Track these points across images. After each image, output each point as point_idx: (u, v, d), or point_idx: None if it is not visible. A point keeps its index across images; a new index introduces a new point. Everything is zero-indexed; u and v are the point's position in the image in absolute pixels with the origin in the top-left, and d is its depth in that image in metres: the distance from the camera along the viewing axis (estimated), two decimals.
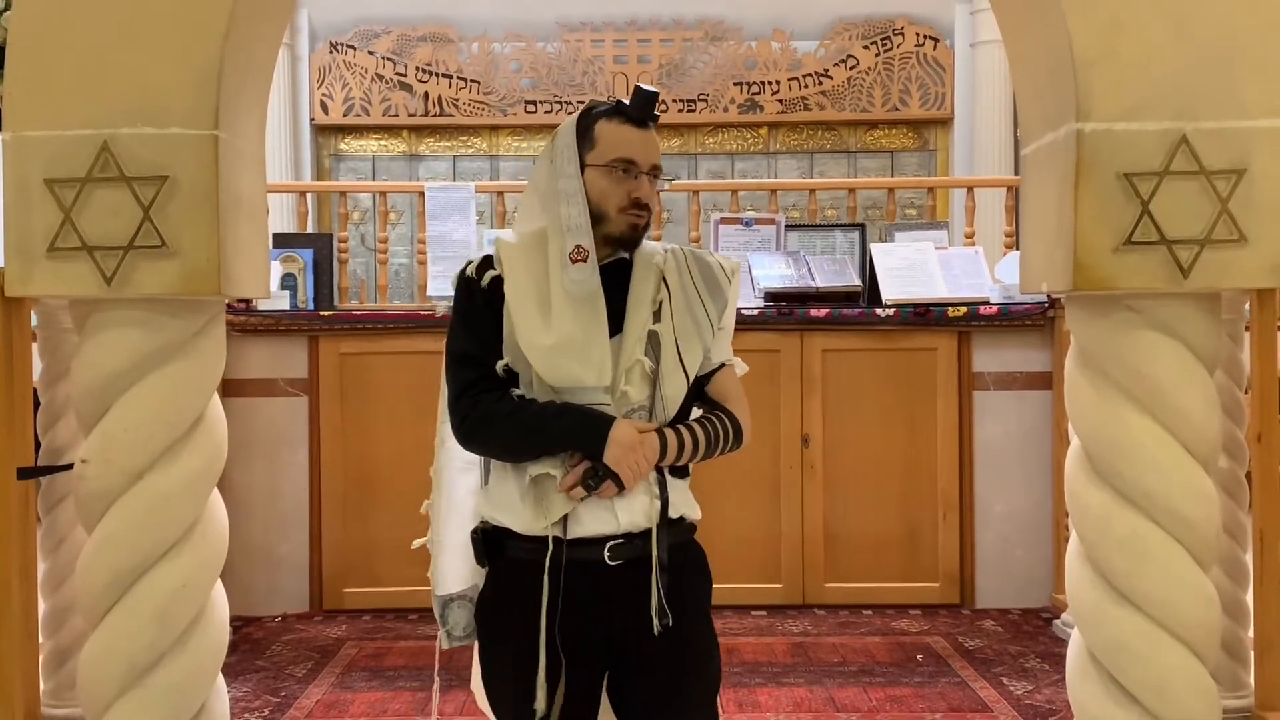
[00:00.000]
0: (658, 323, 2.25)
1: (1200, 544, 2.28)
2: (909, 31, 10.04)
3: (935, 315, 5.43)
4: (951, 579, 5.55)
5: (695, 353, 2.28)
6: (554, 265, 2.24)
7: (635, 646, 2.22)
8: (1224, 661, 3.75)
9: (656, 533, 2.20)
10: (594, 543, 2.19)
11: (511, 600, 2.24)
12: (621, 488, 2.18)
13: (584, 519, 2.20)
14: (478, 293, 2.27)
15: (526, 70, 10.05)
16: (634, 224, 2.26)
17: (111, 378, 2.32)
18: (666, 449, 2.21)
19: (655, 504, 2.22)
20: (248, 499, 5.47)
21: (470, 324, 2.28)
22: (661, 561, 2.19)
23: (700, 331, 2.29)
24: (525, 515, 2.22)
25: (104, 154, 2.27)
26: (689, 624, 2.25)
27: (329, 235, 6.21)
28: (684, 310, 2.28)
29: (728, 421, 2.31)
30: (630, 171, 2.24)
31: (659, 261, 2.31)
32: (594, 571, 2.19)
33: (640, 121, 2.26)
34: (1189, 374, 2.27)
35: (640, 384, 2.23)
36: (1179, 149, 2.22)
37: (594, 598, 2.19)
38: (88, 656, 2.37)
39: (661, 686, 2.25)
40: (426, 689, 4.44)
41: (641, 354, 2.23)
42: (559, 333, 2.19)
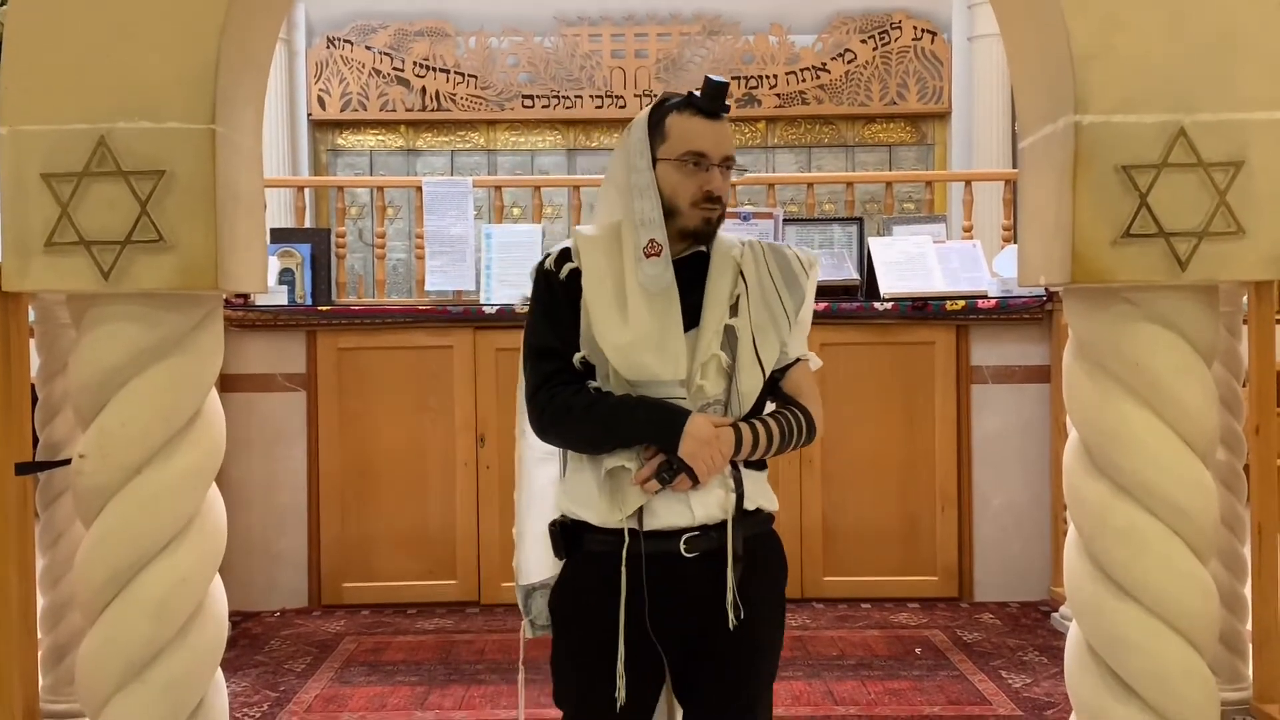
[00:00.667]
0: (734, 317, 2.25)
1: (1198, 536, 2.28)
2: (907, 25, 10.04)
3: (933, 309, 5.43)
4: (950, 572, 5.55)
5: (771, 347, 2.28)
6: (629, 259, 2.24)
7: (708, 637, 2.24)
8: (1222, 654, 3.75)
9: (732, 526, 2.21)
10: (669, 535, 2.21)
11: (587, 592, 2.27)
12: (696, 481, 2.19)
13: (659, 512, 2.21)
14: (556, 285, 2.29)
15: (524, 65, 10.04)
16: (707, 217, 2.25)
17: (109, 373, 2.32)
18: (741, 443, 2.21)
19: (730, 497, 2.23)
20: (246, 494, 5.47)
21: (549, 317, 2.31)
22: (737, 554, 2.20)
23: (777, 326, 2.29)
24: (601, 508, 2.23)
25: (101, 148, 2.26)
26: (761, 616, 2.27)
27: (326, 230, 6.21)
28: (761, 304, 2.28)
29: (802, 417, 2.31)
30: (701, 164, 2.23)
31: (736, 255, 2.31)
32: (670, 564, 2.20)
33: (711, 113, 2.25)
34: (1187, 366, 2.27)
35: (716, 378, 2.23)
36: (1177, 141, 2.21)
37: (670, 590, 2.21)
38: (86, 651, 2.37)
39: (730, 677, 2.27)
40: (425, 683, 4.45)
41: (718, 348, 2.23)
42: (635, 327, 2.19)
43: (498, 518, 5.53)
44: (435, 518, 5.57)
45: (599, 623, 2.21)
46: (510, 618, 5.35)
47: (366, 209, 9.88)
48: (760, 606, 2.26)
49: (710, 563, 2.21)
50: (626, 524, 2.20)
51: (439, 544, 5.57)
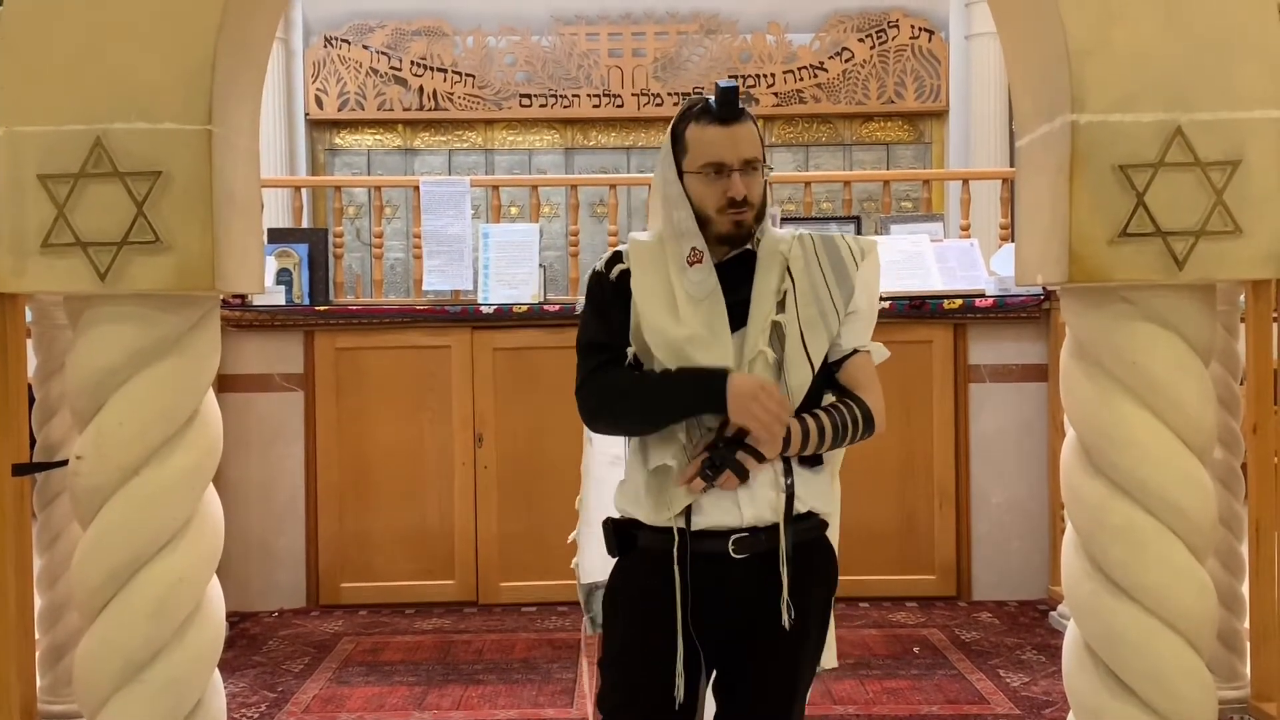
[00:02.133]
0: (781, 313, 2.25)
1: (1196, 535, 2.28)
2: (904, 24, 10.04)
3: (931, 308, 5.43)
4: (948, 571, 5.55)
5: (820, 342, 2.27)
6: (673, 267, 2.27)
7: (752, 640, 2.24)
8: (1220, 652, 3.76)
9: (784, 528, 2.20)
10: (718, 535, 2.20)
11: (636, 589, 2.28)
12: (743, 479, 2.18)
13: (708, 510, 2.20)
14: (606, 285, 2.32)
15: (521, 64, 10.04)
16: (736, 221, 2.25)
17: (106, 373, 2.31)
18: (791, 439, 2.19)
19: (781, 497, 2.21)
20: (244, 494, 5.47)
21: (599, 314, 2.33)
22: (788, 555, 2.20)
23: (826, 320, 2.28)
24: (649, 507, 2.24)
25: (97, 149, 2.26)
26: (805, 625, 2.26)
27: (324, 230, 6.20)
28: (810, 299, 2.27)
29: (857, 409, 2.29)
30: (722, 172, 2.23)
31: (784, 250, 2.31)
32: (718, 564, 2.20)
33: (724, 119, 2.24)
34: (1184, 365, 2.27)
35: (765, 374, 2.22)
36: (1174, 140, 2.21)
37: (717, 590, 2.21)
38: (84, 652, 2.37)
39: (769, 682, 2.27)
40: (423, 683, 4.45)
41: (765, 345, 2.22)
42: (686, 326, 2.22)
43: (495, 517, 5.54)
44: (433, 517, 5.57)
45: (646, 620, 2.23)
46: (508, 617, 5.36)
47: (364, 209, 9.87)
48: (805, 615, 2.25)
49: (759, 565, 2.21)
50: (675, 523, 2.20)
51: (437, 544, 5.57)
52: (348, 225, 9.54)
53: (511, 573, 5.54)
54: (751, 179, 2.25)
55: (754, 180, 2.25)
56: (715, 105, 2.25)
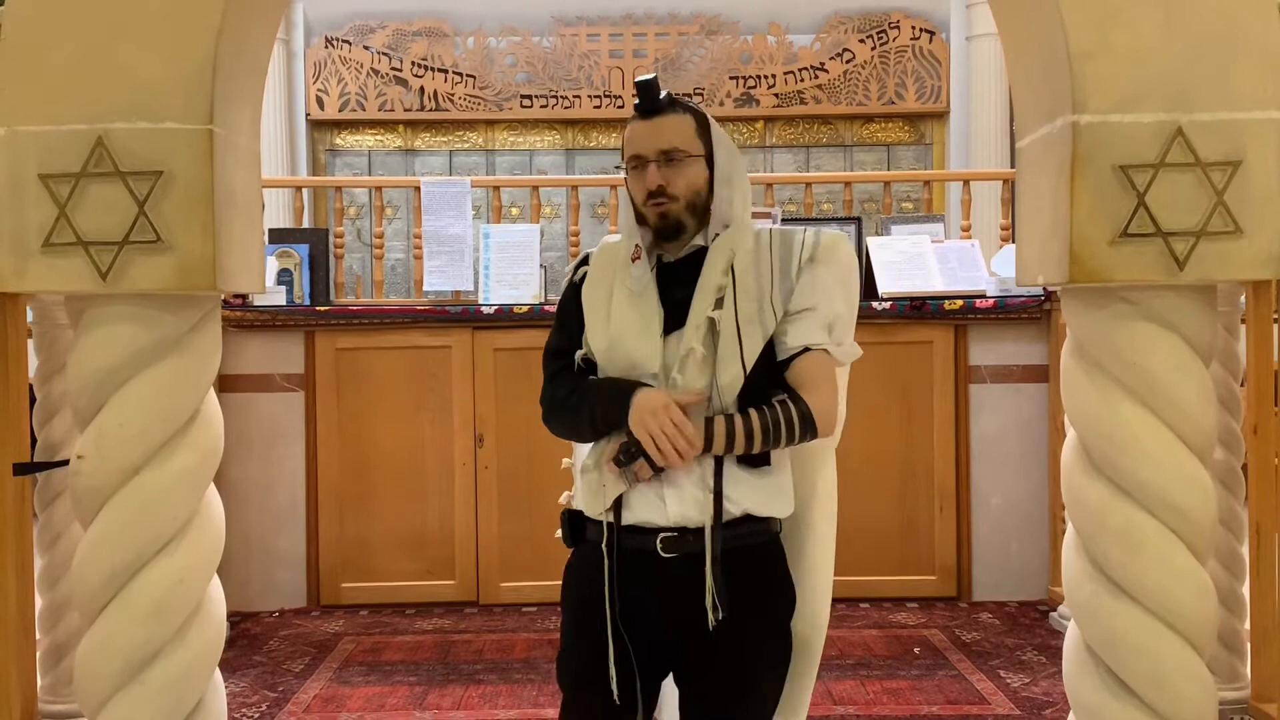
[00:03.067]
0: (719, 309, 2.22)
1: (1196, 536, 2.28)
2: (905, 25, 10.04)
3: (931, 308, 5.43)
4: (948, 572, 5.55)
5: (756, 340, 2.22)
6: (621, 264, 2.32)
7: (692, 646, 2.22)
8: (1220, 653, 3.76)
9: (710, 531, 2.17)
10: (647, 532, 2.21)
11: (581, 580, 2.30)
12: (656, 470, 2.17)
13: (635, 506, 2.21)
14: (570, 289, 2.40)
15: (522, 65, 10.04)
16: (659, 213, 2.25)
17: (107, 373, 2.32)
18: (714, 437, 2.17)
19: (709, 498, 2.18)
20: (244, 494, 5.47)
21: (560, 320, 2.40)
22: (715, 557, 2.16)
23: (763, 318, 2.23)
24: (587, 500, 2.28)
25: (98, 149, 2.26)
26: (749, 632, 2.21)
27: (325, 230, 6.20)
28: (752, 296, 2.24)
29: (793, 409, 2.21)
30: (642, 165, 2.26)
31: (735, 247, 2.29)
32: (647, 561, 2.20)
33: (645, 112, 2.27)
34: (1185, 366, 2.27)
35: (696, 373, 2.20)
36: (1174, 141, 2.21)
37: (651, 589, 2.21)
38: (84, 652, 2.37)
39: (714, 692, 2.23)
40: (424, 683, 4.45)
41: (696, 342, 2.20)
42: (615, 325, 2.26)
43: (496, 518, 5.54)
44: (434, 518, 5.57)
45: (585, 613, 2.26)
46: (508, 617, 5.36)
47: (365, 209, 9.88)
48: (741, 623, 2.18)
49: (689, 566, 2.18)
50: (605, 517, 2.23)
51: (437, 544, 5.57)
52: (348, 226, 9.55)
53: (512, 573, 5.54)
54: (674, 170, 2.24)
55: (677, 171, 2.24)
56: (638, 100, 2.29)
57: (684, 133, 2.26)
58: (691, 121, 2.28)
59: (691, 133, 2.27)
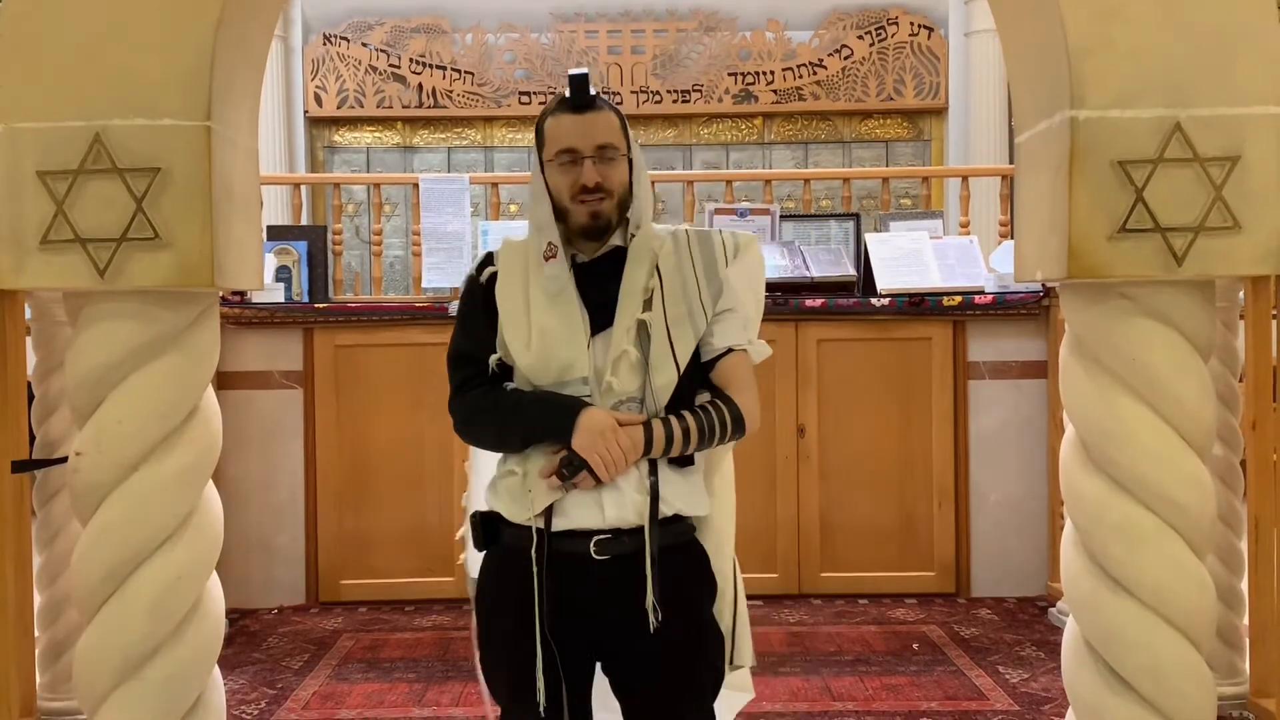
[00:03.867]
0: (648, 311, 2.20)
1: (1195, 531, 2.28)
2: (903, 21, 10.03)
3: (930, 305, 5.43)
4: (947, 568, 5.56)
5: (687, 341, 2.21)
6: (533, 263, 2.25)
7: (628, 645, 2.19)
8: (1219, 649, 3.76)
9: (649, 530, 2.16)
10: (580, 536, 2.17)
11: (503, 584, 2.24)
12: (599, 480, 2.14)
13: (569, 511, 2.17)
14: (476, 290, 2.30)
15: (520, 61, 10.04)
16: (591, 211, 2.21)
17: (105, 370, 2.31)
18: (653, 440, 2.16)
19: (645, 500, 2.17)
20: (243, 491, 5.47)
21: (466, 323, 2.31)
22: (654, 558, 2.15)
23: (693, 319, 2.21)
24: (511, 506, 2.21)
25: (96, 145, 2.26)
26: (685, 630, 2.21)
27: (323, 227, 6.20)
28: (679, 297, 2.22)
29: (725, 410, 2.22)
30: (575, 159, 2.21)
31: (655, 247, 2.26)
32: (580, 565, 2.16)
33: (577, 106, 2.23)
34: (1183, 361, 2.27)
35: (628, 375, 2.18)
36: (1173, 136, 2.21)
37: (583, 592, 2.18)
38: (83, 649, 2.37)
39: (658, 691, 2.22)
40: (423, 680, 4.45)
41: (629, 344, 2.18)
42: (537, 328, 2.19)
43: None
44: (433, 514, 5.57)
45: (513, 617, 2.18)
46: None
47: (363, 206, 9.87)
48: (682, 618, 2.19)
49: (623, 568, 2.16)
50: (535, 523, 2.17)
51: (436, 541, 5.56)
52: (347, 222, 9.54)
53: None
54: (608, 167, 2.21)
55: (611, 168, 2.22)
56: (570, 93, 2.24)
57: (614, 129, 2.24)
58: (616, 119, 2.26)
59: (619, 130, 2.25)
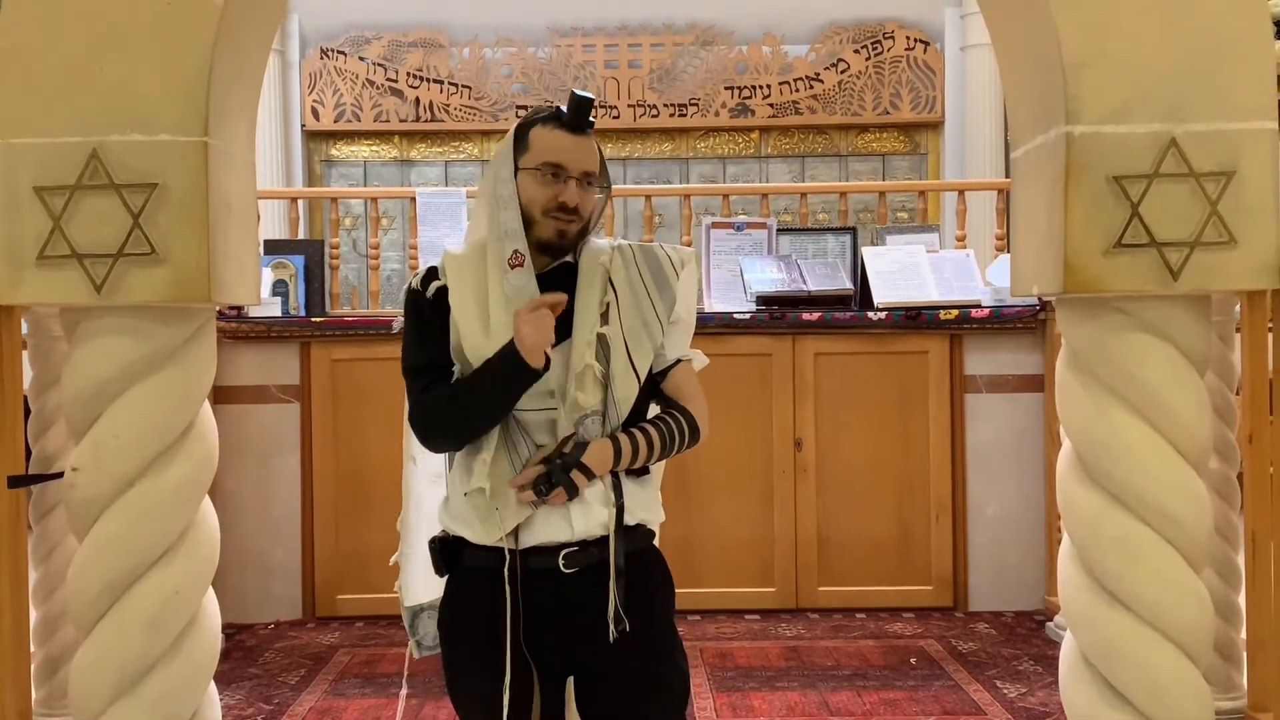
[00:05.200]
0: (606, 325, 2.22)
1: (1192, 545, 2.29)
2: (899, 35, 10.06)
3: (927, 318, 5.43)
4: (944, 582, 5.55)
5: (646, 353, 2.25)
6: (494, 272, 2.22)
7: (596, 653, 2.21)
8: (1217, 663, 3.76)
9: (614, 539, 2.18)
10: (548, 551, 2.17)
11: (470, 608, 2.24)
12: (572, 496, 2.15)
13: (538, 528, 2.18)
14: (424, 304, 2.26)
15: (518, 75, 10.05)
16: (560, 229, 2.22)
17: (102, 385, 2.32)
18: (621, 454, 2.18)
19: (610, 511, 2.19)
20: (240, 506, 5.46)
21: (419, 337, 2.27)
22: (619, 568, 2.17)
23: (649, 330, 2.25)
24: (477, 528, 2.20)
25: (93, 161, 2.26)
26: (650, 632, 2.23)
27: (320, 241, 6.20)
28: (633, 310, 2.25)
29: (684, 421, 2.27)
30: (559, 176, 2.20)
31: (605, 261, 2.28)
32: (549, 580, 2.18)
33: (574, 127, 2.23)
34: (1179, 376, 2.28)
35: (592, 388, 2.19)
36: (1168, 151, 2.22)
37: (552, 605, 2.18)
38: (79, 665, 2.37)
39: (626, 694, 2.24)
40: (419, 696, 4.44)
41: (591, 358, 2.19)
42: (497, 340, 2.17)
43: None
44: None
45: (483, 640, 2.18)
46: None
47: (360, 220, 9.88)
48: (647, 621, 2.21)
49: (590, 578, 2.18)
50: (505, 543, 2.16)
51: None
52: (344, 236, 9.54)
53: None
54: (586, 193, 2.23)
55: (588, 195, 2.24)
56: (568, 111, 2.23)
57: (598, 159, 2.27)
58: (598, 153, 2.28)
59: (601, 163, 2.28)
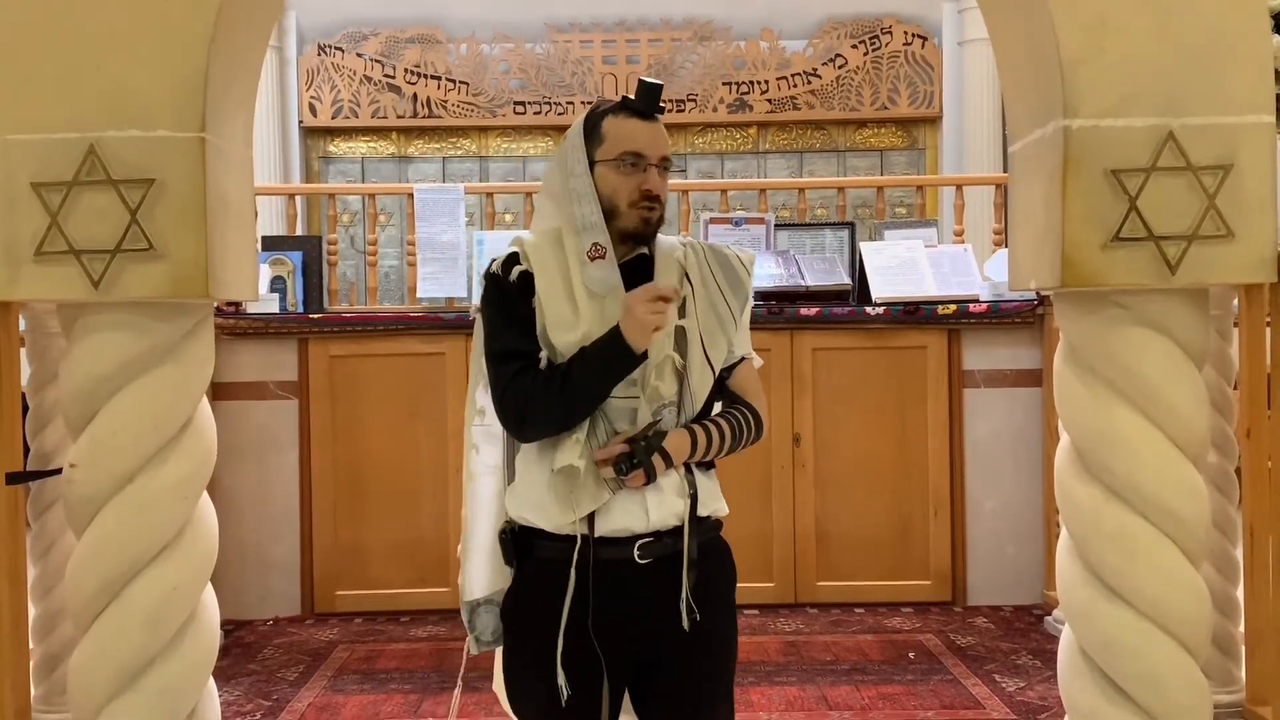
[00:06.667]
0: (683, 318, 2.25)
1: (1190, 539, 2.29)
2: (897, 30, 10.05)
3: (925, 313, 5.43)
4: (943, 576, 5.55)
5: (720, 347, 2.29)
6: (573, 263, 2.22)
7: (661, 643, 2.22)
8: (1215, 657, 3.76)
9: (688, 530, 2.20)
10: (623, 541, 2.18)
11: (540, 600, 2.21)
12: (650, 479, 2.15)
13: (614, 515, 2.17)
14: (508, 288, 2.24)
15: (515, 71, 10.04)
16: (645, 217, 2.23)
17: (99, 381, 2.31)
18: (696, 446, 2.21)
19: (685, 502, 2.21)
20: (238, 502, 5.46)
21: (505, 321, 2.24)
22: (692, 559, 2.19)
23: (724, 326, 2.30)
24: (553, 512, 2.18)
25: (90, 157, 2.26)
26: (715, 621, 2.26)
27: (318, 238, 6.19)
28: (707, 305, 2.29)
29: (750, 416, 2.33)
30: (639, 164, 2.22)
31: (679, 256, 2.30)
32: (622, 571, 2.18)
33: (646, 114, 2.24)
34: (1177, 370, 2.28)
35: (671, 379, 2.22)
36: (1166, 145, 2.22)
37: (624, 596, 2.19)
38: (78, 661, 2.37)
39: (686, 682, 2.25)
40: (418, 691, 4.44)
41: (671, 349, 2.22)
42: (586, 328, 2.18)
43: None
44: (428, 525, 5.56)
45: (552, 631, 2.17)
46: None
47: (358, 216, 9.87)
48: (712, 611, 2.24)
49: (662, 569, 2.19)
50: (579, 529, 2.16)
51: (431, 551, 5.55)
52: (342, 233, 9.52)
53: None
54: (664, 179, 2.25)
55: (665, 180, 2.26)
56: (638, 99, 2.24)
57: (668, 143, 2.29)
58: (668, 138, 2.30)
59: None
